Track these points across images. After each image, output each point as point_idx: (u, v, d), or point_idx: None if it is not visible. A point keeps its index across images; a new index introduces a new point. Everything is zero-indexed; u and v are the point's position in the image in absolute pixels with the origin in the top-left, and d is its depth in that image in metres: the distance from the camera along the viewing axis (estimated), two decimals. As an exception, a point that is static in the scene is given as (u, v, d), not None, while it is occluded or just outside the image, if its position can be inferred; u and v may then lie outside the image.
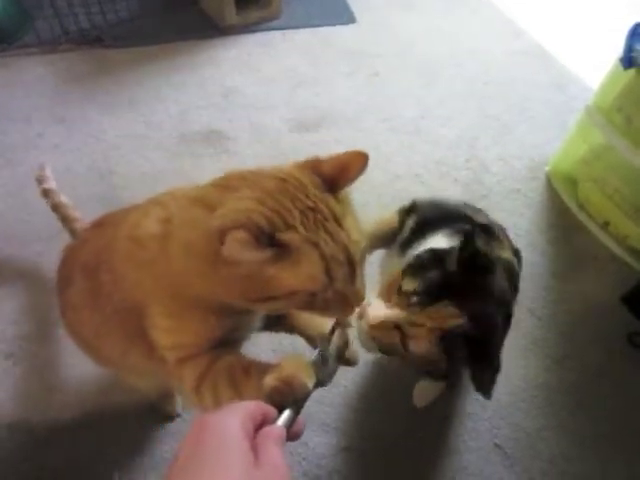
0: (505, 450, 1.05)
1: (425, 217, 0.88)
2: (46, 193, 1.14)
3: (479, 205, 1.47)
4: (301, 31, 2.08)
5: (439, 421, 1.08)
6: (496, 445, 1.06)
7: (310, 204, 0.52)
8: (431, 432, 1.07)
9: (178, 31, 2.00)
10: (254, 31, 2.05)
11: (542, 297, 1.30)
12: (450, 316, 0.67)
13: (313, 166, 0.55)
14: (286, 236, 0.49)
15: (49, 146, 1.55)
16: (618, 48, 1.28)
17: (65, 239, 1.04)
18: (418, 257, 0.75)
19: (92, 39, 1.91)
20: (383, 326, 0.71)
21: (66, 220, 1.09)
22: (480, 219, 0.89)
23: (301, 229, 0.50)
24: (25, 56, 1.86)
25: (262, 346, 1.11)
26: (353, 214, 0.56)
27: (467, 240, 0.70)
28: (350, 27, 2.14)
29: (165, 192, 0.67)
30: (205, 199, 0.55)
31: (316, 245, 0.50)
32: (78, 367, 1.09)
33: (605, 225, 1.43)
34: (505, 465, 1.03)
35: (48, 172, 1.18)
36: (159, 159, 1.55)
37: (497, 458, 1.04)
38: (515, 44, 2.14)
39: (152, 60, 1.88)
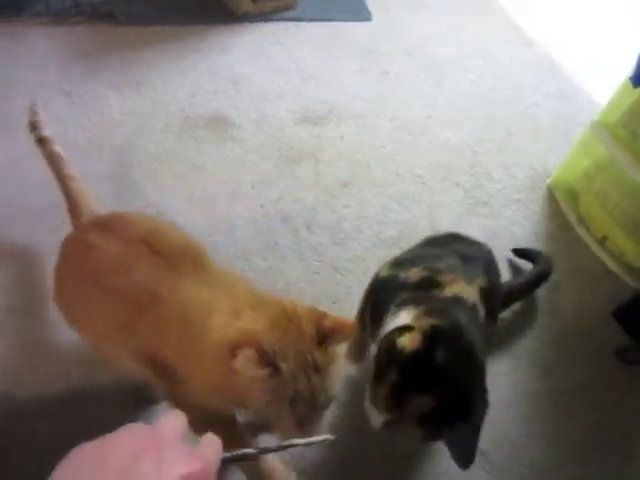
0: (487, 456, 1.06)
1: (372, 314, 0.92)
2: (41, 141, 1.09)
3: (481, 212, 1.49)
4: (315, 24, 2.06)
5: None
6: (479, 450, 1.06)
7: (302, 348, 0.67)
8: (412, 435, 1.07)
9: (192, 14, 1.97)
10: (268, 20, 2.03)
11: (534, 307, 1.31)
12: (421, 406, 0.74)
13: (316, 318, 0.70)
14: (281, 364, 0.64)
15: (52, 117, 1.52)
16: (627, 63, 1.28)
17: (58, 214, 1.02)
18: (369, 391, 0.79)
19: (103, 14, 1.88)
20: (389, 424, 0.78)
21: (60, 175, 1.04)
22: (412, 277, 0.88)
23: (291, 364, 0.65)
24: (33, 26, 1.82)
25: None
26: (334, 366, 0.70)
27: (385, 348, 0.76)
28: (365, 24, 2.12)
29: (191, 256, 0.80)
30: (238, 302, 0.72)
31: (294, 379, 0.65)
32: (63, 341, 1.08)
33: (603, 240, 1.44)
34: (486, 470, 1.04)
35: (41, 116, 1.12)
36: (163, 140, 1.53)
37: (479, 463, 1.04)
38: (524, 53, 2.13)
39: (163, 41, 1.87)
